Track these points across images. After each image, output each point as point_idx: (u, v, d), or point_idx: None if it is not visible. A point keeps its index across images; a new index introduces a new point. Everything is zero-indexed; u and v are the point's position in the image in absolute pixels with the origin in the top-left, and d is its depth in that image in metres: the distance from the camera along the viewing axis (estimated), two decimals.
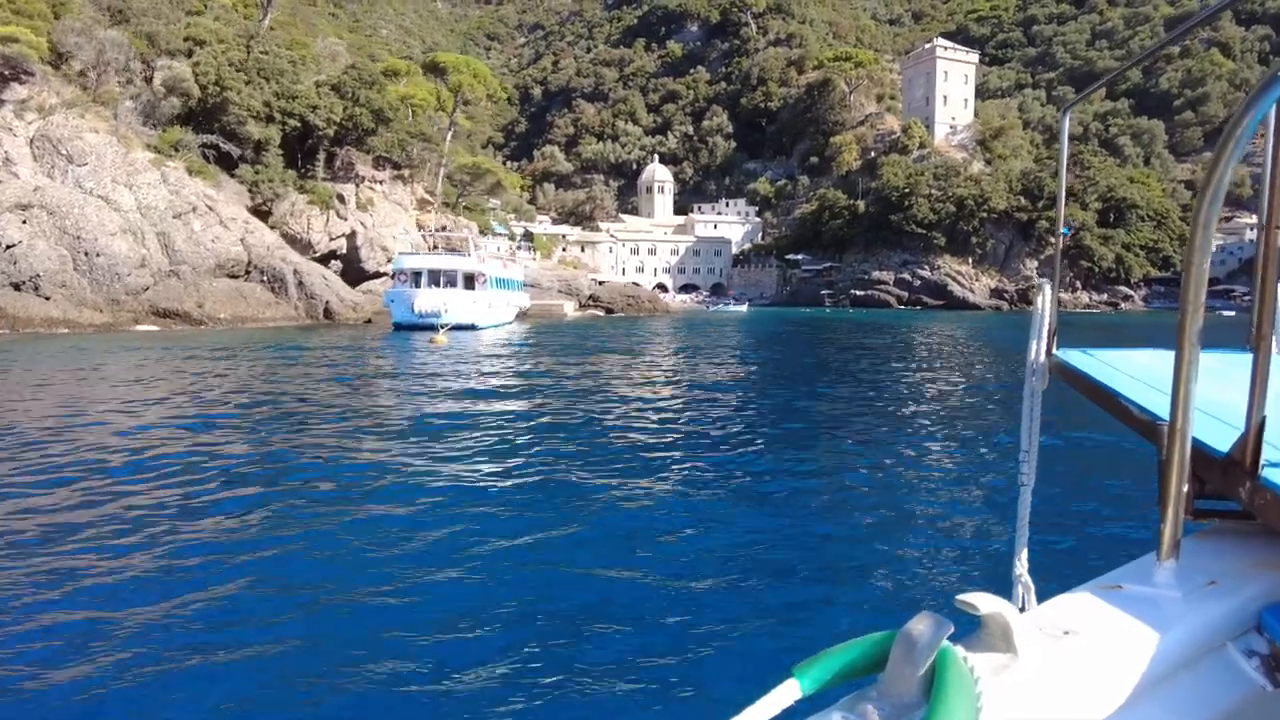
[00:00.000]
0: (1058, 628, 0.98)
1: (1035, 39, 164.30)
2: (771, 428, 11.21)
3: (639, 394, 14.33)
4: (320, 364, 19.00)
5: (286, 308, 37.76)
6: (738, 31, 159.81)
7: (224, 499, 6.90)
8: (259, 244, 39.53)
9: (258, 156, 47.12)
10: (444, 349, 24.41)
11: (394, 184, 56.77)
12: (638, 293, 56.75)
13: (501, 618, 4.46)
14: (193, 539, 5.77)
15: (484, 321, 34.66)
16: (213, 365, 18.18)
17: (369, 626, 4.31)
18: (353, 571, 5.14)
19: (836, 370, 19.67)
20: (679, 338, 32.56)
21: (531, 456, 8.74)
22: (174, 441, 9.43)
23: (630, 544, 5.81)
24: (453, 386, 14.86)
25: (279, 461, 8.52)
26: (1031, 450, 1.77)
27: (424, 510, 6.51)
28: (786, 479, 7.96)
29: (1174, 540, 1.16)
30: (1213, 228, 1.06)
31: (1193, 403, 1.13)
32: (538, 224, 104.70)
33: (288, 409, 11.99)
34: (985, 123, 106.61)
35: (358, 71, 51.89)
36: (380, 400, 13.37)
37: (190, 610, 4.49)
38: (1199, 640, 1.04)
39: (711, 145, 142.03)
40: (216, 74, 41.93)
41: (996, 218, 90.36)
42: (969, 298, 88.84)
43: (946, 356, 24.44)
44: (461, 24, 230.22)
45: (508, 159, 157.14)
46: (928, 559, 5.51)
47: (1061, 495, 6.94)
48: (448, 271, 34.40)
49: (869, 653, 0.80)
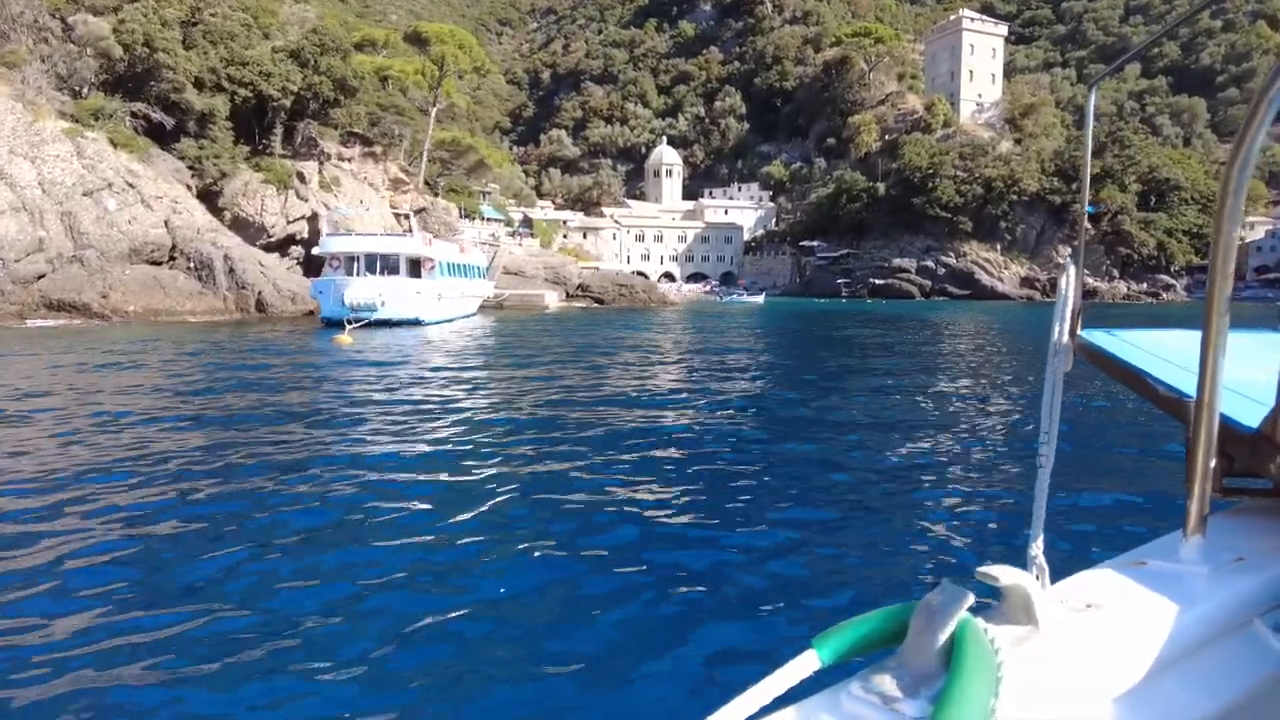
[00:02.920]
0: (1080, 601, 0.98)
1: (1065, 16, 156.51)
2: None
3: (579, 447, 9.07)
4: (166, 372, 13.87)
5: (212, 299, 32.75)
6: (752, 10, 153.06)
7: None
8: (187, 226, 34.53)
9: (202, 130, 42.10)
10: (352, 351, 19.20)
11: (364, 162, 51.63)
12: (632, 281, 51.25)
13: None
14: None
15: (431, 315, 29.24)
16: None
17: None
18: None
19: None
20: (669, 338, 27.18)
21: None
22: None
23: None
24: (314, 415, 9.66)
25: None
26: (1052, 432, 1.59)
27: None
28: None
29: (1201, 516, 1.15)
30: (1243, 195, 1.04)
31: (1220, 377, 1.11)
32: (538, 209, 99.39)
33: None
34: (1015, 99, 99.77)
35: (319, 37, 46.64)
36: (187, 438, 8.16)
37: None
38: (1225, 616, 1.03)
39: (724, 127, 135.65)
40: (144, 33, 36.81)
41: (1027, 201, 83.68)
42: (997, 287, 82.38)
43: (989, 355, 18.94)
44: (474, 9, 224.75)
45: (514, 144, 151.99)
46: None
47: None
48: (386, 256, 28.91)
49: (888, 624, 0.80)
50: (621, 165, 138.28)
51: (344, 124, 49.19)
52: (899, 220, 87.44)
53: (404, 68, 57.50)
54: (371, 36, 60.48)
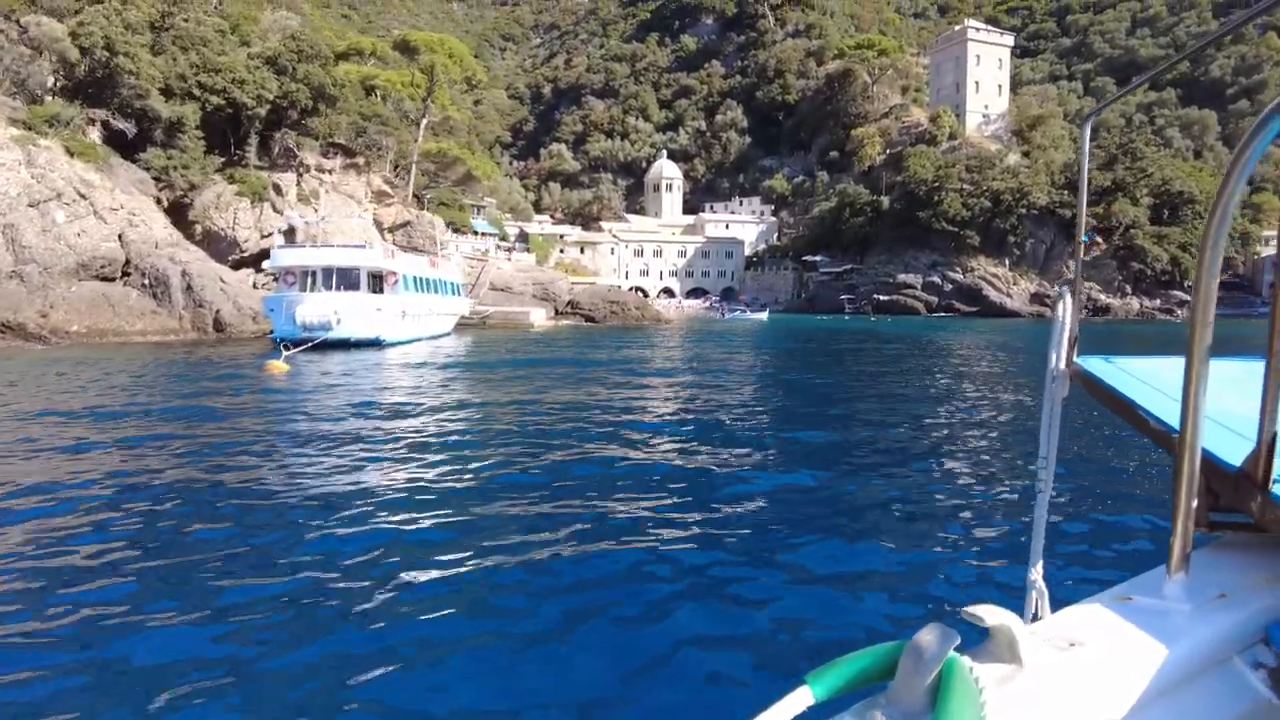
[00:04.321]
0: (1064, 639, 0.99)
1: (1070, 29, 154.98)
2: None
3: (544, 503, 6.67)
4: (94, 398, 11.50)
5: (166, 318, 30.48)
6: (754, 24, 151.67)
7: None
8: (143, 240, 32.33)
9: (171, 139, 40.06)
10: (286, 379, 16.81)
11: (345, 173, 49.55)
12: (624, 298, 48.75)
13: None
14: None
15: (394, 335, 26.75)
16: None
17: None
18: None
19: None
20: (664, 363, 24.79)
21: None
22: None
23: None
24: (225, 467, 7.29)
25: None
26: (1050, 458, 1.75)
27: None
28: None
29: (1184, 553, 1.17)
30: (1221, 247, 1.09)
31: (1202, 417, 1.15)
32: (535, 224, 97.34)
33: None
34: (1021, 111, 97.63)
35: (297, 43, 44.69)
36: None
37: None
38: (1207, 654, 1.04)
39: (725, 141, 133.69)
40: (105, 36, 34.78)
41: (1037, 214, 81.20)
42: (1006, 304, 79.74)
43: (997, 380, 16.48)
44: (477, 25, 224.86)
45: (515, 158, 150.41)
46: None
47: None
48: (345, 270, 26.52)
49: (880, 661, 0.82)
50: (622, 180, 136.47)
51: (324, 134, 47.13)
52: (904, 234, 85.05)
53: (391, 77, 55.53)
54: (358, 45, 58.56)
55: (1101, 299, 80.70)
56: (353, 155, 50.26)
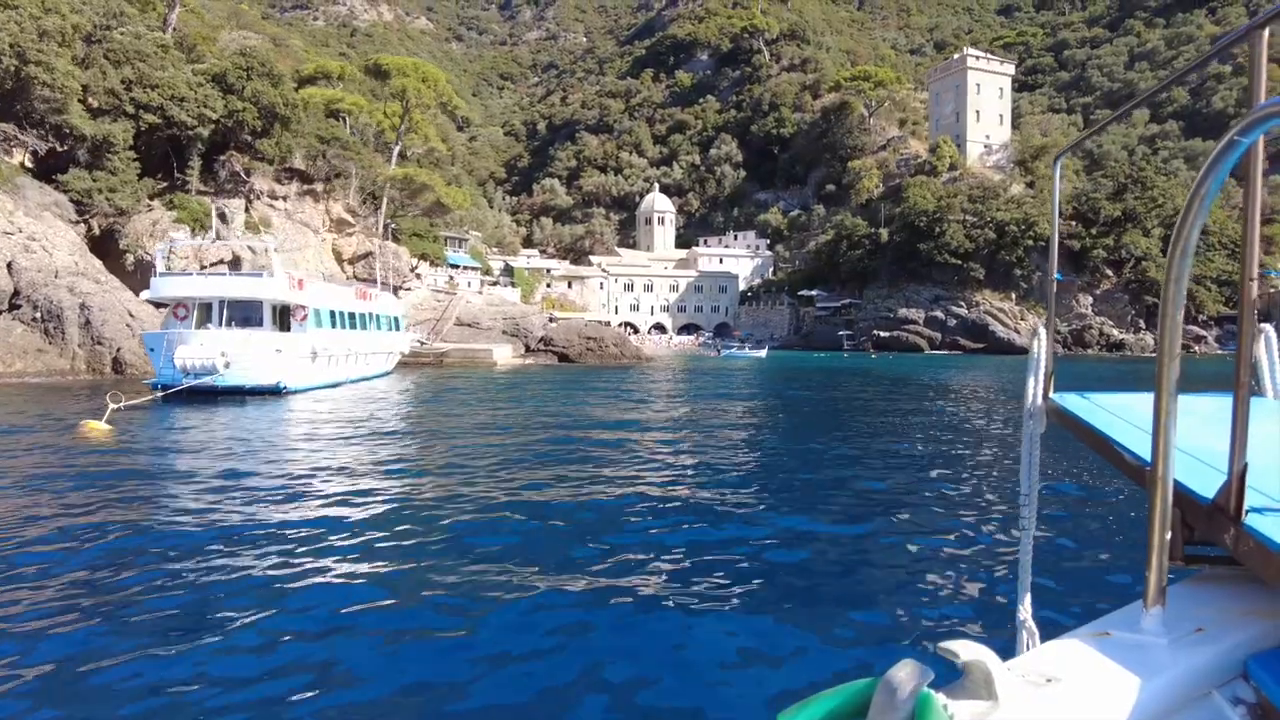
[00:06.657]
0: (1041, 674, 0.97)
1: (1068, 64, 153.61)
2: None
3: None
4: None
5: (57, 357, 26.32)
6: (749, 59, 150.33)
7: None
8: (38, 268, 28.33)
9: (98, 160, 36.32)
10: (104, 447, 12.57)
11: (301, 200, 45.82)
12: (601, 334, 44.61)
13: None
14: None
15: (300, 380, 22.22)
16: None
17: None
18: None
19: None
20: (638, 416, 20.59)
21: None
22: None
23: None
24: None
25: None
26: (1031, 495, 1.69)
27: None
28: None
29: (1160, 587, 1.16)
30: (1184, 283, 1.11)
31: (1173, 452, 1.16)
32: (522, 258, 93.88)
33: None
34: (1024, 140, 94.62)
35: (246, 60, 41.26)
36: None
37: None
38: (1184, 688, 1.03)
39: (719, 175, 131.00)
40: (12, 42, 31.20)
41: (1044, 246, 77.55)
42: (1014, 340, 75.58)
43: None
44: (475, 64, 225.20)
45: (509, 194, 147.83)
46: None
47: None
48: (242, 303, 22.39)
49: (852, 700, 0.80)
50: (615, 214, 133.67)
51: (276, 157, 43.51)
52: (905, 268, 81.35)
53: (357, 101, 52.18)
54: (325, 68, 55.34)
55: (1115, 334, 76.73)
56: (310, 181, 46.61)
